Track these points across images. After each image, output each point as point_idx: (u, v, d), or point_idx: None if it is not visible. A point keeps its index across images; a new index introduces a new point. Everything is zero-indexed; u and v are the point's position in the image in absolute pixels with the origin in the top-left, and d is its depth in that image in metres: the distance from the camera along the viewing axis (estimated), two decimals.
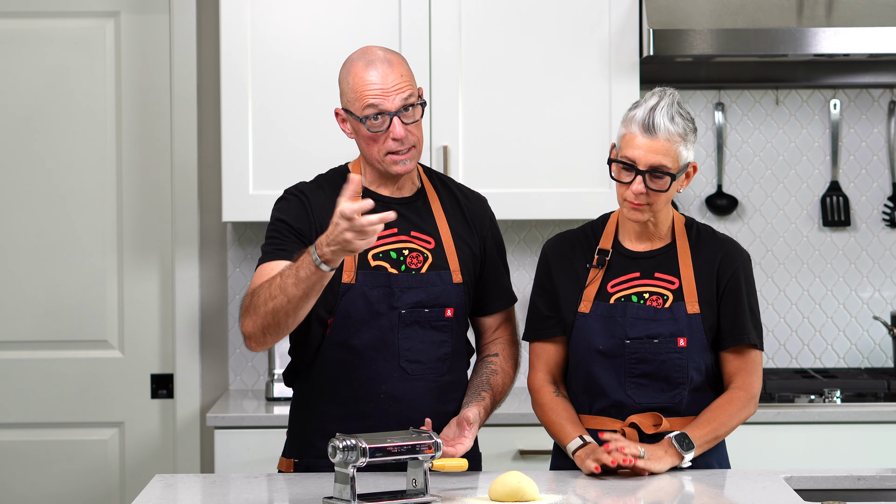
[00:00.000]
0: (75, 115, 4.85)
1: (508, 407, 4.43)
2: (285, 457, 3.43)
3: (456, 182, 3.50)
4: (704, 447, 3.28)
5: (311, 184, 3.41)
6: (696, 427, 3.27)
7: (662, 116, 3.20)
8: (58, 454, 4.87)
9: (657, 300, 3.31)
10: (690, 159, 3.27)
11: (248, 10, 4.52)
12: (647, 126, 3.20)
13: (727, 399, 3.32)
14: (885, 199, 4.93)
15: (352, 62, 3.31)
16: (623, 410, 3.31)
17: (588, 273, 3.36)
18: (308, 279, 3.05)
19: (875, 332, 4.94)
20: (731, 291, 3.33)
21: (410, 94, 3.28)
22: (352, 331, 3.30)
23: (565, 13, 4.53)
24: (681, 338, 3.29)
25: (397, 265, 3.32)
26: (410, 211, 3.38)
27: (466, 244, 3.41)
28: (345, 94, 3.31)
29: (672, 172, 3.22)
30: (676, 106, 3.24)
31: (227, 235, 4.88)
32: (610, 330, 3.30)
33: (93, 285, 4.86)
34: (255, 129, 4.52)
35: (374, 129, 3.26)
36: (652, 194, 3.24)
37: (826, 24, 4.46)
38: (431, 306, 3.33)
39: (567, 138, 4.54)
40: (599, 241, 3.39)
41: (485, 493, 3.04)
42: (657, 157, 3.21)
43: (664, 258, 3.35)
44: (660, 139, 3.21)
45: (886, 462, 4.34)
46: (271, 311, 3.11)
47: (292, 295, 3.08)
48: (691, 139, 3.25)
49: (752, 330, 3.34)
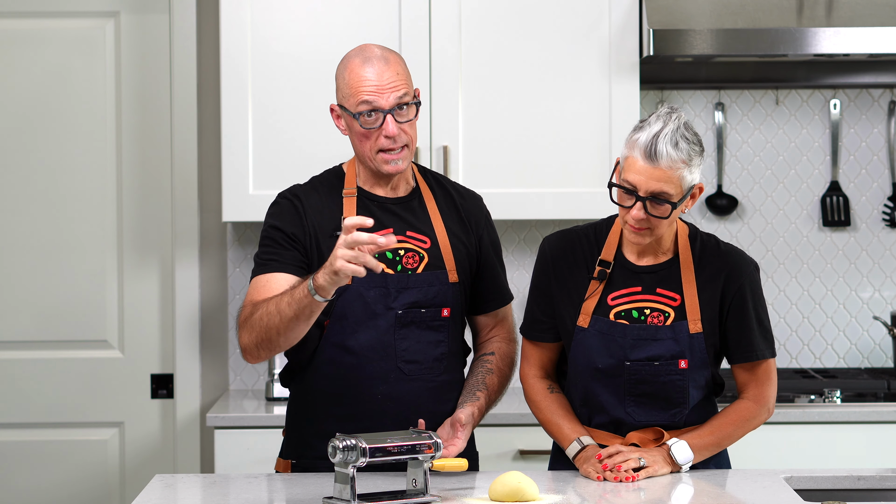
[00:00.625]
0: (75, 115, 4.85)
1: (508, 407, 4.42)
2: (283, 458, 3.43)
3: (451, 181, 3.50)
4: (704, 455, 3.26)
5: (306, 186, 3.41)
6: (698, 436, 3.25)
7: (666, 143, 3.11)
8: (58, 454, 4.87)
9: (658, 317, 3.25)
10: (696, 181, 3.18)
11: (248, 9, 4.52)
12: (649, 153, 3.11)
13: (736, 410, 3.29)
14: (885, 199, 4.93)
15: (349, 58, 3.31)
16: (622, 427, 3.28)
17: (587, 283, 3.31)
18: (300, 301, 3.08)
19: (875, 332, 4.94)
20: (737, 309, 3.26)
21: (405, 93, 3.28)
22: (348, 332, 3.30)
23: (565, 13, 4.53)
24: (682, 360, 3.24)
25: (393, 265, 3.32)
26: (406, 211, 3.37)
27: (462, 243, 3.40)
28: (340, 89, 3.31)
29: (673, 200, 3.14)
30: (682, 129, 3.15)
31: (227, 235, 4.88)
32: (609, 350, 3.25)
33: (93, 285, 4.86)
34: (255, 129, 4.52)
35: (367, 126, 3.26)
36: (652, 220, 3.16)
37: (826, 24, 4.46)
38: (428, 306, 3.32)
39: (567, 138, 4.54)
40: (602, 249, 3.32)
41: (485, 493, 3.04)
42: (658, 185, 3.12)
43: (667, 273, 3.28)
44: (661, 166, 3.11)
45: (886, 462, 4.34)
46: (265, 327, 3.15)
47: (285, 314, 3.11)
48: (696, 162, 3.16)
49: (760, 344, 3.28)
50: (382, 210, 3.35)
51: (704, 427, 3.27)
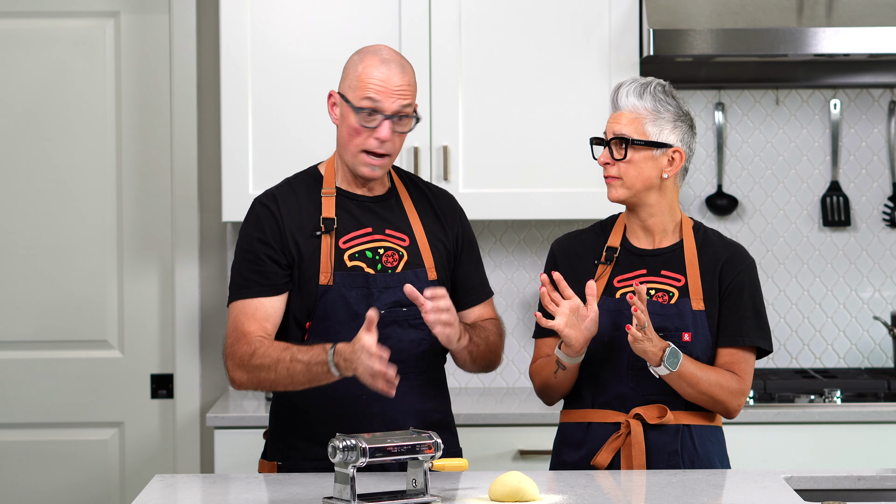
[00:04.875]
0: (75, 115, 4.85)
1: (508, 407, 4.43)
2: (266, 459, 3.42)
3: (423, 180, 3.53)
4: (680, 381, 3.26)
5: (283, 186, 3.42)
6: (691, 362, 3.27)
7: (629, 91, 3.33)
8: (58, 454, 4.87)
9: (663, 297, 3.35)
10: (670, 142, 3.32)
11: (248, 9, 4.52)
12: (614, 101, 3.36)
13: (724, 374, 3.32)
14: (885, 199, 4.93)
15: (365, 52, 3.32)
16: (626, 402, 3.33)
17: (595, 270, 3.39)
18: (317, 376, 3.18)
19: (875, 332, 4.94)
20: (733, 294, 3.35)
21: (409, 105, 3.29)
22: (331, 333, 3.29)
23: (565, 13, 4.53)
24: (686, 332, 3.32)
25: (373, 265, 3.33)
26: (384, 209, 3.39)
27: (440, 241, 3.42)
28: (347, 78, 3.32)
29: (633, 139, 3.30)
30: (655, 88, 3.33)
31: (227, 235, 4.88)
32: (615, 323, 3.33)
33: (93, 285, 4.86)
34: (255, 128, 4.53)
35: (363, 124, 3.27)
36: (619, 166, 3.31)
37: (826, 24, 4.46)
38: (409, 305, 3.32)
39: (567, 138, 4.54)
40: (608, 240, 3.42)
41: (485, 493, 3.04)
42: (619, 127, 3.32)
43: (671, 256, 3.38)
44: (622, 111, 3.33)
45: (886, 462, 4.34)
46: (270, 382, 3.24)
47: (297, 380, 3.20)
48: (666, 119, 3.32)
49: (750, 332, 3.34)
50: (361, 209, 3.37)
51: (700, 363, 3.29)
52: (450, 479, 3.20)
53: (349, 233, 3.34)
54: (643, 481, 3.16)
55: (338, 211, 3.35)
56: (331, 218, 3.34)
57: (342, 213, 3.35)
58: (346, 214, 3.34)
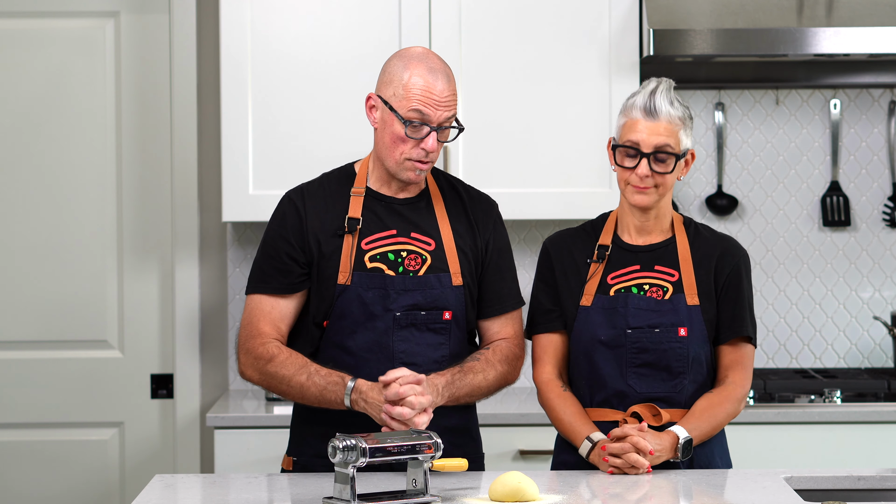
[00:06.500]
0: (75, 115, 4.85)
1: (508, 407, 4.43)
2: (288, 455, 3.44)
3: (465, 184, 3.49)
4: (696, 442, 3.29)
5: (314, 183, 3.42)
6: (693, 419, 3.27)
7: (663, 100, 3.27)
8: (58, 454, 4.87)
9: (657, 292, 3.34)
10: (689, 146, 3.32)
11: (248, 9, 4.52)
12: (648, 109, 3.26)
13: (724, 396, 3.32)
14: (885, 199, 4.93)
15: (411, 58, 3.28)
16: (625, 400, 3.33)
17: (588, 268, 3.38)
18: (329, 402, 3.25)
19: (875, 332, 4.94)
20: (732, 286, 3.36)
21: (453, 115, 3.29)
22: (347, 332, 3.31)
23: (565, 13, 4.53)
24: (681, 328, 3.31)
25: (395, 267, 3.32)
26: (412, 212, 3.37)
27: (469, 246, 3.39)
28: (392, 84, 3.27)
29: (676, 153, 3.27)
30: (673, 92, 3.30)
31: (226, 235, 4.88)
32: (612, 321, 3.32)
33: (93, 285, 4.86)
34: (255, 129, 4.52)
35: (411, 135, 3.25)
36: (657, 177, 3.27)
37: (826, 24, 4.46)
38: (428, 309, 3.32)
39: (567, 138, 4.54)
40: (599, 238, 3.41)
41: (485, 493, 3.04)
42: (660, 139, 3.26)
43: (664, 252, 3.38)
44: (662, 121, 3.26)
45: (886, 462, 4.34)
46: (281, 392, 3.33)
47: (308, 398, 3.27)
48: (689, 125, 3.31)
49: (749, 324, 3.36)
50: (388, 210, 3.35)
51: (701, 414, 3.29)
52: (450, 479, 3.20)
53: (372, 234, 3.33)
54: (643, 481, 3.16)
55: (364, 211, 3.34)
56: (356, 218, 3.33)
57: (368, 213, 3.34)
58: (372, 215, 3.33)
